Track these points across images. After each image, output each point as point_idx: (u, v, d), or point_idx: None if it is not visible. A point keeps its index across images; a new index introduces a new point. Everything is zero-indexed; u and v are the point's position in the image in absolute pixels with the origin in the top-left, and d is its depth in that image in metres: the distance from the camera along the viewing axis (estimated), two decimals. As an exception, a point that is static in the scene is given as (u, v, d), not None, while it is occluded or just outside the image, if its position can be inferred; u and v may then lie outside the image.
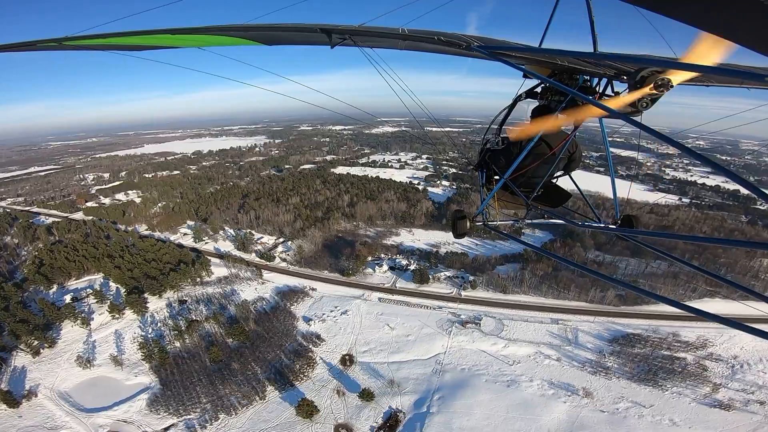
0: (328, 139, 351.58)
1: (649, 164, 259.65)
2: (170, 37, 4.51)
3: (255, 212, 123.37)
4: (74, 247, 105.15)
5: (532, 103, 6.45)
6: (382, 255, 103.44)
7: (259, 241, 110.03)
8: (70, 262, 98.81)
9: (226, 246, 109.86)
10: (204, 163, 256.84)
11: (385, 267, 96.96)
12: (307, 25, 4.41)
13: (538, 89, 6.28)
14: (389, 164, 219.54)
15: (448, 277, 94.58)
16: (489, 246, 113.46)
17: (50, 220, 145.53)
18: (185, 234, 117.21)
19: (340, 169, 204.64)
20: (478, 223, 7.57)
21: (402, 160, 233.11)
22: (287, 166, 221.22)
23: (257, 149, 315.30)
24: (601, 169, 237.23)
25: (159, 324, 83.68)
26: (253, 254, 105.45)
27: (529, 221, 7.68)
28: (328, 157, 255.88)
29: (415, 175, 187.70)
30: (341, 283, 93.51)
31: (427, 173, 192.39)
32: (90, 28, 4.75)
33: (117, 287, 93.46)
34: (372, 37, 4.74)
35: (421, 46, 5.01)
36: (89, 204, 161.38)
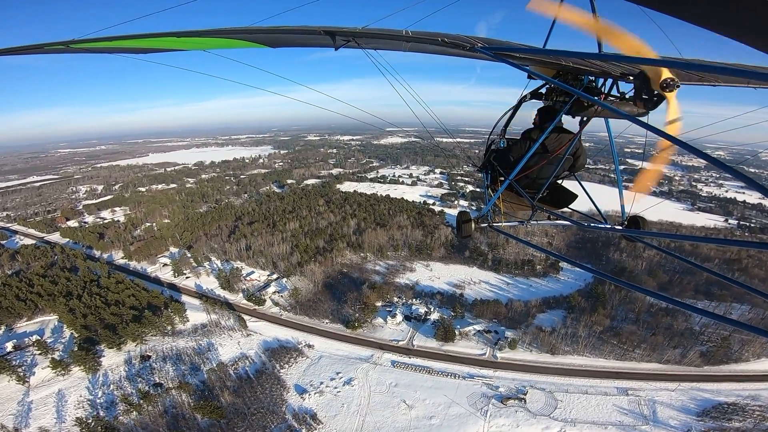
0: (335, 150, 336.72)
1: (677, 178, 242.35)
2: (175, 40, 4.50)
3: (246, 240, 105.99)
4: (30, 282, 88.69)
5: (537, 104, 6.35)
6: (395, 299, 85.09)
7: (248, 278, 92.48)
8: (20, 302, 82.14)
9: (210, 282, 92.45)
10: (203, 176, 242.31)
11: (399, 317, 78.53)
12: (311, 27, 4.33)
13: (543, 90, 6.10)
14: (400, 180, 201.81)
15: (479, 331, 75.95)
16: (523, 285, 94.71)
17: (24, 241, 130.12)
18: (165, 264, 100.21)
19: (347, 185, 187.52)
20: (482, 225, 7.27)
21: (414, 175, 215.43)
22: (290, 181, 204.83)
23: (261, 161, 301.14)
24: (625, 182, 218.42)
25: (112, 386, 66.77)
26: (240, 294, 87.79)
27: (535, 222, 7.39)
28: (334, 171, 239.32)
29: (429, 193, 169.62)
30: (345, 338, 75.25)
31: (442, 191, 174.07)
32: (96, 31, 4.61)
33: (72, 332, 76.88)
34: (375, 39, 4.68)
35: (424, 47, 4.96)
36: (70, 223, 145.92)
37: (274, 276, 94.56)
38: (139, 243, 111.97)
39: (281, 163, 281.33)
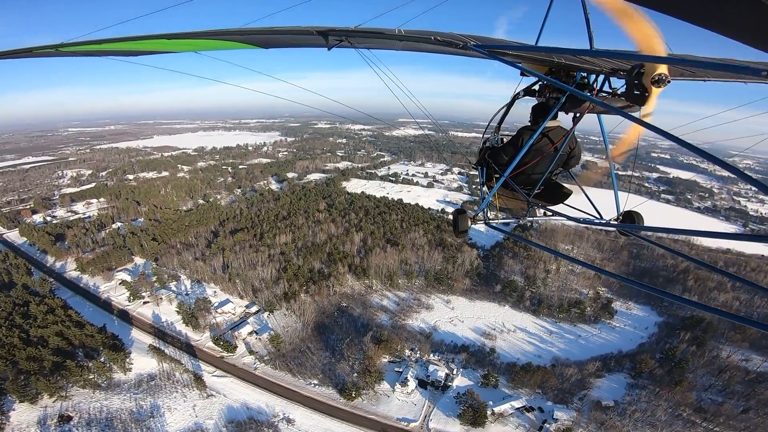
0: (344, 141, 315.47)
1: (716, 190, 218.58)
2: (166, 42, 4.54)
3: (224, 257, 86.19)
4: (-54, 304, 70.34)
5: (531, 101, 6.33)
6: (407, 352, 64.80)
7: (219, 310, 72.81)
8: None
9: (171, 312, 72.89)
10: (200, 163, 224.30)
11: (412, 383, 58.33)
12: (304, 27, 4.35)
13: (536, 87, 6.11)
14: (414, 179, 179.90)
15: (518, 410, 55.51)
16: (569, 335, 73.90)
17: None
18: (122, 282, 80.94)
19: (354, 183, 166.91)
20: (479, 222, 7.10)
21: (429, 174, 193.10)
22: (291, 175, 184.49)
23: (265, 149, 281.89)
24: (669, 197, 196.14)
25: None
26: (207, 333, 68.29)
27: (530, 219, 7.31)
28: (342, 165, 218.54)
29: (447, 198, 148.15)
30: (337, 411, 55.18)
31: (463, 196, 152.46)
32: (86, 34, 4.50)
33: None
34: (368, 38, 4.69)
35: (417, 46, 5.00)
36: (35, 217, 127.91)
37: (254, 308, 74.70)
38: (98, 251, 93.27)
39: (285, 153, 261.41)
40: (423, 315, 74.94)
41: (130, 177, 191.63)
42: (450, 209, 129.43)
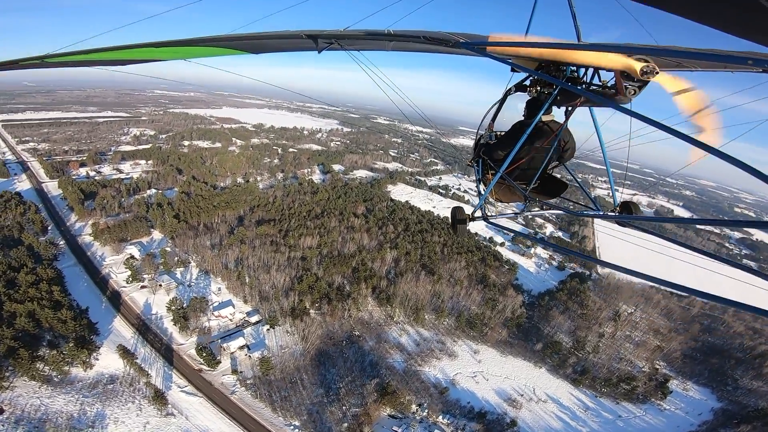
0: (399, 140, 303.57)
1: None
2: (154, 51, 4.52)
3: (240, 251, 77.68)
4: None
5: (523, 97, 6.24)
6: (414, 407, 51.88)
7: (217, 313, 64.01)
8: None
9: (163, 305, 64.77)
10: (254, 140, 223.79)
11: (414, 461, 45.62)
12: (293, 32, 4.38)
13: (527, 82, 6.03)
14: (465, 196, 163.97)
15: None
16: (608, 413, 59.49)
17: (21, 185, 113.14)
18: (129, 257, 74.94)
19: (400, 189, 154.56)
20: (477, 219, 6.89)
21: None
22: (337, 167, 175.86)
23: (319, 135, 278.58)
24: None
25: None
26: (193, 338, 59.53)
27: (528, 213, 7.15)
28: (391, 165, 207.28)
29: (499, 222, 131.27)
30: (312, 486, 43.80)
31: (516, 226, 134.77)
32: (72, 44, 4.40)
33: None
34: (358, 40, 4.75)
35: (408, 46, 5.05)
36: (81, 170, 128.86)
37: (254, 318, 65.22)
38: (120, 218, 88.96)
39: (338, 143, 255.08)
40: (443, 363, 61.57)
41: (185, 143, 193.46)
42: (499, 239, 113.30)
